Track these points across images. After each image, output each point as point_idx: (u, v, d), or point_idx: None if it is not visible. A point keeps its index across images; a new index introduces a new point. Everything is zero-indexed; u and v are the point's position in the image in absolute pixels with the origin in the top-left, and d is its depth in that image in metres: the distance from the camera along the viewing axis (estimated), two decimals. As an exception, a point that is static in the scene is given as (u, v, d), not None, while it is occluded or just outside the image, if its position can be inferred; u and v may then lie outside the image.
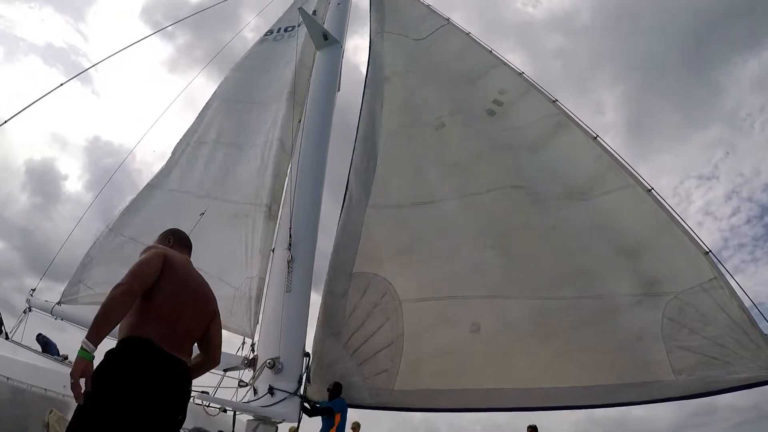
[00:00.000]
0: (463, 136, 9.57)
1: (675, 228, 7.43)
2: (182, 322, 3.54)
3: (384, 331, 8.37)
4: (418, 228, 9.07)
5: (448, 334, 8.15)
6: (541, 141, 8.89)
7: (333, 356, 8.55)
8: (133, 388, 3.13)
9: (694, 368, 6.66)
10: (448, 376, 7.92)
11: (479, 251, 8.51)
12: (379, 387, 8.17)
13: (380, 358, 8.27)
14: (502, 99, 9.50)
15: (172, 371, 3.40)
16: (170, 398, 3.34)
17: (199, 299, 3.71)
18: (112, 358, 3.21)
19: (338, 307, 8.84)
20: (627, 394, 6.98)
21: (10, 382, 4.94)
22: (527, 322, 7.80)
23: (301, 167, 8.88)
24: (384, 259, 8.95)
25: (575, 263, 7.90)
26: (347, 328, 8.62)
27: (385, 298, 8.56)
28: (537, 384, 7.42)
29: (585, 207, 8.12)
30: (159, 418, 3.24)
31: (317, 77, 10.09)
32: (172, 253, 3.74)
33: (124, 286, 3.27)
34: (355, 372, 8.33)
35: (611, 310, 7.39)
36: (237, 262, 9.67)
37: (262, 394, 7.30)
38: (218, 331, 3.95)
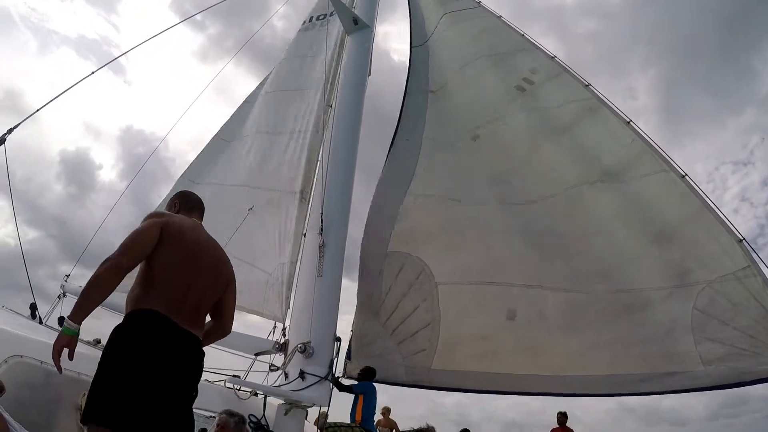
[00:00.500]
0: (496, 148, 9.46)
1: (709, 214, 7.25)
2: (193, 292, 3.41)
3: (420, 312, 8.40)
4: (455, 219, 9.04)
5: (483, 318, 8.14)
6: (573, 123, 8.75)
7: (373, 335, 8.64)
8: (142, 364, 3.04)
9: (723, 359, 6.50)
10: (483, 360, 7.91)
11: (515, 245, 8.46)
12: (416, 365, 8.24)
13: (418, 338, 8.32)
14: (532, 78, 9.40)
15: (183, 345, 3.29)
16: (180, 372, 3.23)
17: (210, 266, 3.58)
18: (119, 335, 3.14)
19: (374, 286, 8.90)
20: (655, 384, 6.85)
21: (44, 366, 5.00)
22: (561, 313, 7.74)
23: (332, 151, 8.84)
24: (420, 240, 8.97)
25: (609, 256, 7.78)
26: (385, 308, 8.68)
27: (420, 278, 8.57)
28: (566, 372, 7.36)
29: (619, 192, 7.98)
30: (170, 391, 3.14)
31: (348, 62, 10.02)
32: (174, 219, 3.59)
33: (111, 261, 3.15)
34: (394, 350, 8.39)
35: (643, 303, 7.27)
36: (270, 248, 9.72)
37: (292, 378, 7.30)
38: (232, 300, 3.84)
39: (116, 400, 2.94)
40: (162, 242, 3.37)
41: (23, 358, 4.89)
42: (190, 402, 3.37)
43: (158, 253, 3.34)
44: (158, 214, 3.57)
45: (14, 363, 4.81)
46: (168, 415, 3.12)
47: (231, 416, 5.44)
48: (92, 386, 3.02)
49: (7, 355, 4.78)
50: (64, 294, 10.89)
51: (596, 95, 8.71)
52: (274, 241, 9.80)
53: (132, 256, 3.25)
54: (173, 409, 3.16)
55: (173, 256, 3.37)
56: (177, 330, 3.25)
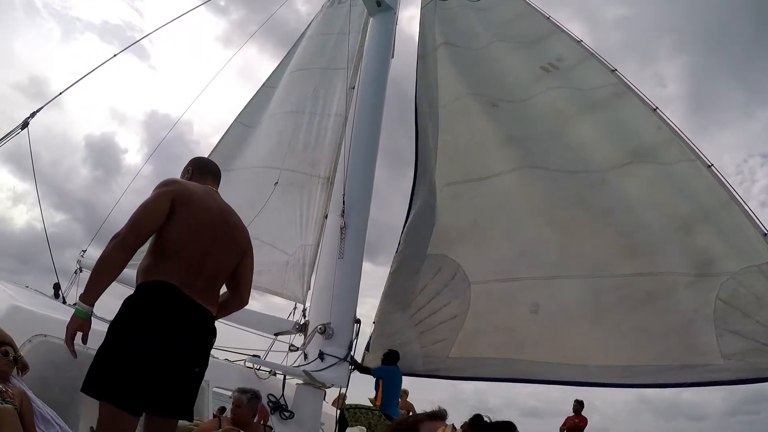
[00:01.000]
0: (516, 118, 9.38)
1: (734, 206, 7.14)
2: (207, 262, 3.29)
3: (450, 307, 8.40)
4: (479, 205, 9.00)
5: (508, 313, 8.11)
6: (599, 106, 8.65)
7: (397, 326, 8.66)
8: (150, 336, 2.96)
9: (743, 354, 6.41)
10: (504, 348, 7.90)
11: (537, 229, 8.40)
12: (433, 355, 8.24)
13: (441, 329, 8.32)
14: (558, 65, 9.29)
15: (194, 319, 3.18)
16: (189, 347, 3.15)
17: (224, 234, 3.44)
18: (129, 306, 3.07)
19: (409, 282, 8.89)
20: (674, 376, 6.78)
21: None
22: (583, 302, 7.69)
23: (355, 134, 8.81)
24: (452, 240, 8.93)
25: (632, 238, 7.71)
26: (416, 302, 8.68)
27: (455, 279, 8.55)
28: (587, 361, 7.32)
29: (646, 173, 7.90)
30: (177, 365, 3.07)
31: (371, 44, 9.94)
32: (185, 186, 3.44)
33: (118, 238, 3.07)
34: (414, 340, 8.41)
35: (665, 290, 7.18)
36: (291, 229, 9.75)
37: (312, 359, 7.35)
38: (249, 268, 3.69)
39: (120, 373, 2.90)
40: (173, 211, 3.21)
41: (47, 338, 4.93)
42: (195, 377, 3.25)
43: (169, 223, 3.21)
44: (168, 182, 3.42)
45: (38, 342, 4.85)
46: (172, 390, 3.09)
47: (243, 393, 5.45)
48: (96, 357, 2.96)
49: (31, 335, 4.83)
50: (81, 269, 10.97)
51: (623, 81, 8.60)
52: (296, 222, 9.82)
53: (138, 233, 3.13)
54: (178, 383, 3.11)
55: (185, 226, 3.23)
56: (189, 303, 3.13)
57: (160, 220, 3.18)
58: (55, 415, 4.33)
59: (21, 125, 7.41)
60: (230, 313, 3.75)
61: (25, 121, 7.47)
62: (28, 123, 7.50)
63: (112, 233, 3.16)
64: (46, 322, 5.19)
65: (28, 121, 7.50)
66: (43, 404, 4.32)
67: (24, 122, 7.45)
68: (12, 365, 4.27)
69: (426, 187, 9.49)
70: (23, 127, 7.45)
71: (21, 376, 4.41)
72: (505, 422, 3.91)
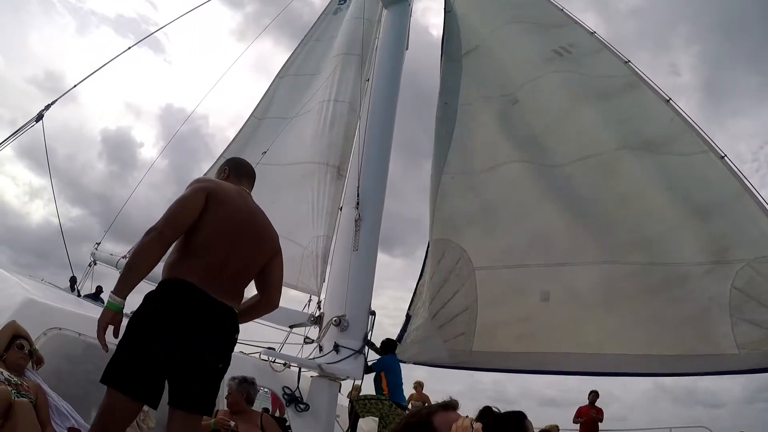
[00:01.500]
0: (534, 110, 9.28)
1: (748, 197, 7.06)
2: (232, 262, 3.29)
3: (459, 297, 8.35)
4: (489, 193, 8.97)
5: (519, 301, 8.09)
6: (612, 94, 8.58)
7: (419, 320, 8.66)
8: (170, 330, 2.98)
9: (758, 343, 6.35)
10: (524, 341, 7.88)
11: (548, 214, 8.35)
12: (458, 349, 8.19)
13: (457, 323, 8.28)
14: (571, 50, 9.20)
15: (214, 317, 3.17)
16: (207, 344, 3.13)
17: (253, 236, 3.44)
18: (150, 301, 3.08)
19: (422, 271, 8.95)
20: (689, 365, 6.73)
21: (82, 338, 5.05)
22: (595, 290, 7.64)
23: (369, 126, 8.79)
24: (458, 226, 8.90)
25: (649, 224, 7.64)
26: (429, 293, 8.66)
27: (459, 264, 8.52)
28: (603, 350, 7.29)
29: (660, 162, 7.83)
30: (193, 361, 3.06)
31: (385, 35, 9.89)
32: (219, 185, 3.44)
33: (155, 232, 3.07)
34: (435, 334, 8.38)
35: (680, 278, 7.12)
36: (305, 221, 9.71)
37: (327, 351, 7.35)
38: (278, 272, 3.67)
39: (129, 362, 2.93)
40: (205, 209, 3.23)
41: (62, 331, 4.96)
42: (218, 373, 3.26)
43: (200, 221, 3.22)
44: (204, 180, 3.46)
45: (53, 335, 4.88)
46: (197, 385, 3.10)
47: (232, 380, 5.47)
48: (116, 349, 2.99)
49: (46, 328, 4.85)
50: (95, 262, 11.01)
51: (636, 72, 8.51)
52: (309, 213, 9.78)
53: (175, 227, 3.15)
54: (194, 375, 3.09)
55: (214, 225, 3.24)
56: (209, 300, 3.12)
57: (195, 215, 3.20)
58: (70, 409, 4.35)
59: (36, 118, 7.44)
60: (260, 316, 3.77)
61: (40, 114, 7.50)
62: (42, 115, 7.53)
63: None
64: (61, 315, 5.22)
65: (42, 113, 7.53)
66: (59, 397, 4.34)
67: (39, 114, 7.48)
68: (27, 359, 4.29)
69: (435, 175, 9.49)
70: (38, 119, 7.48)
71: (36, 369, 4.44)
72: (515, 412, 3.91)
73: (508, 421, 3.72)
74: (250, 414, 5.54)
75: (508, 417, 3.77)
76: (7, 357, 4.17)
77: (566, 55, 9.14)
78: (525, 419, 3.80)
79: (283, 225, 9.32)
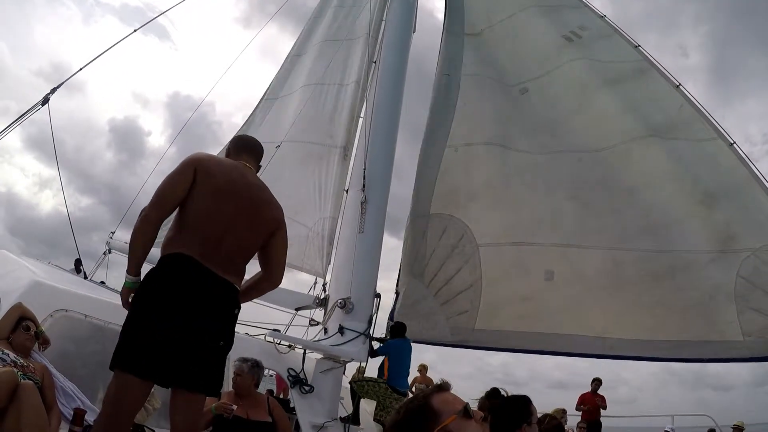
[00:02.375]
0: (544, 101, 9.24)
1: (755, 185, 7.07)
2: (228, 236, 3.26)
3: (463, 274, 8.43)
4: (495, 169, 8.96)
5: (523, 280, 8.15)
6: (622, 80, 8.53)
7: (417, 296, 8.73)
8: (169, 310, 2.99)
9: (763, 331, 6.40)
10: (526, 320, 7.96)
11: (556, 199, 8.36)
12: (460, 326, 8.32)
13: (461, 300, 8.38)
14: (581, 33, 9.13)
15: (212, 290, 3.14)
16: (207, 320, 3.12)
17: (251, 209, 3.38)
18: (148, 281, 3.11)
19: (419, 247, 8.95)
20: (694, 351, 6.83)
21: (88, 320, 5.09)
22: (601, 273, 7.69)
23: (376, 108, 8.74)
24: (461, 201, 8.92)
25: (656, 212, 7.66)
26: (429, 269, 8.74)
27: (462, 241, 8.57)
28: (608, 334, 7.35)
29: (668, 149, 7.82)
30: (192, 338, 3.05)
31: (393, 17, 9.81)
32: (211, 159, 3.43)
33: (142, 214, 3.17)
34: (438, 311, 8.47)
35: (686, 265, 7.17)
36: (310, 202, 9.70)
37: (332, 333, 7.36)
38: (281, 246, 3.60)
39: (134, 341, 2.96)
40: (194, 184, 3.23)
41: (68, 312, 4.99)
42: (219, 351, 3.24)
43: (191, 196, 3.23)
44: (194, 155, 3.41)
45: (59, 317, 4.91)
46: (197, 363, 3.09)
47: (244, 362, 5.42)
48: (120, 332, 3.04)
49: (53, 309, 4.88)
50: (110, 250, 11.05)
51: (646, 57, 8.47)
52: (315, 195, 9.76)
53: (160, 208, 3.20)
54: (201, 357, 3.10)
55: (204, 199, 3.23)
56: (207, 273, 3.12)
57: (182, 192, 3.22)
58: (76, 390, 4.38)
59: (41, 101, 7.44)
60: (263, 293, 3.75)
61: (46, 97, 7.49)
62: (48, 99, 7.52)
63: (137, 215, 3.25)
64: (68, 297, 5.25)
65: (48, 97, 7.52)
66: (65, 379, 4.38)
67: (44, 98, 7.47)
68: (34, 340, 4.33)
69: (432, 144, 9.45)
70: (44, 103, 7.47)
71: (42, 351, 4.47)
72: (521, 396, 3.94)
73: (514, 403, 3.77)
74: (257, 397, 5.53)
75: (515, 399, 3.82)
76: (13, 338, 4.20)
77: (576, 39, 9.09)
78: (530, 403, 3.85)
79: (288, 205, 9.32)
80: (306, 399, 6.83)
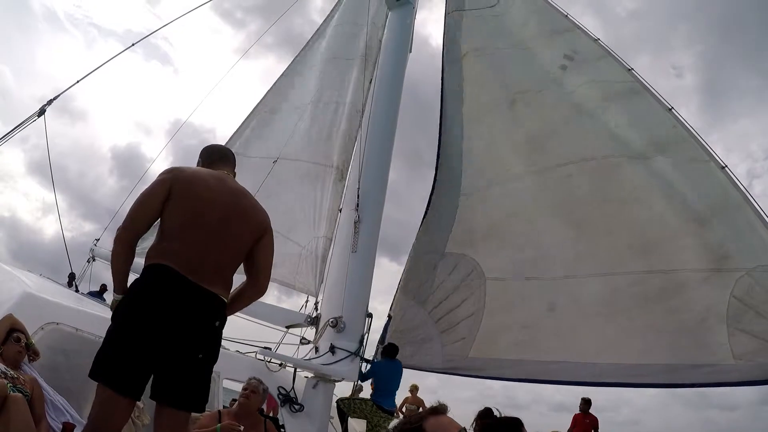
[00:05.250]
0: (533, 113, 9.32)
1: (748, 207, 7.11)
2: (212, 245, 3.19)
3: (467, 305, 8.41)
4: (500, 209, 9.00)
5: (525, 311, 8.13)
6: (614, 101, 8.61)
7: (417, 321, 8.66)
8: (148, 323, 2.93)
9: (754, 354, 6.37)
10: (520, 348, 7.91)
11: (555, 228, 8.40)
12: (454, 354, 8.23)
13: (460, 328, 8.32)
14: (574, 56, 9.23)
15: (193, 301, 3.06)
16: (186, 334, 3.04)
17: (234, 216, 3.29)
18: (129, 293, 3.08)
19: (427, 278, 8.90)
20: (686, 375, 6.74)
21: (79, 333, 5.05)
22: (597, 300, 7.69)
23: (371, 128, 8.80)
24: (474, 241, 8.94)
25: (649, 229, 7.69)
26: (434, 298, 8.70)
27: (471, 276, 8.57)
28: (598, 359, 7.30)
29: (659, 168, 7.87)
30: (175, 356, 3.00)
31: (389, 38, 9.92)
32: (186, 171, 3.33)
33: (116, 235, 3.20)
34: (435, 338, 8.42)
35: (679, 286, 7.15)
36: (305, 221, 9.73)
37: (323, 352, 7.35)
38: (266, 253, 3.48)
39: (110, 355, 2.91)
40: (171, 197, 3.16)
41: (59, 325, 4.96)
42: (200, 365, 3.14)
43: (168, 209, 3.17)
44: (166, 170, 3.33)
45: (50, 329, 4.87)
46: (169, 377, 3.01)
47: (260, 383, 5.33)
48: (102, 343, 3.00)
49: (44, 322, 4.85)
50: (94, 258, 11.08)
51: (638, 80, 8.55)
52: (309, 213, 9.79)
53: (132, 229, 3.18)
54: (175, 371, 3.02)
55: (184, 210, 3.17)
56: (187, 285, 3.03)
57: (153, 209, 3.19)
58: (66, 404, 4.34)
59: (38, 112, 7.47)
60: (251, 302, 3.59)
61: (42, 108, 7.52)
62: (44, 110, 7.54)
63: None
64: (59, 309, 5.22)
65: (44, 108, 7.55)
66: (55, 392, 4.34)
67: (41, 109, 7.50)
68: (24, 352, 4.29)
69: (448, 188, 9.48)
70: (40, 114, 7.49)
71: (32, 363, 4.44)
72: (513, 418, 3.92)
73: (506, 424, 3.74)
74: (256, 419, 5.43)
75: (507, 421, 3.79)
76: (3, 350, 4.16)
77: (570, 64, 9.17)
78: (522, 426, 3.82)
79: (281, 223, 9.39)
80: (296, 418, 6.81)
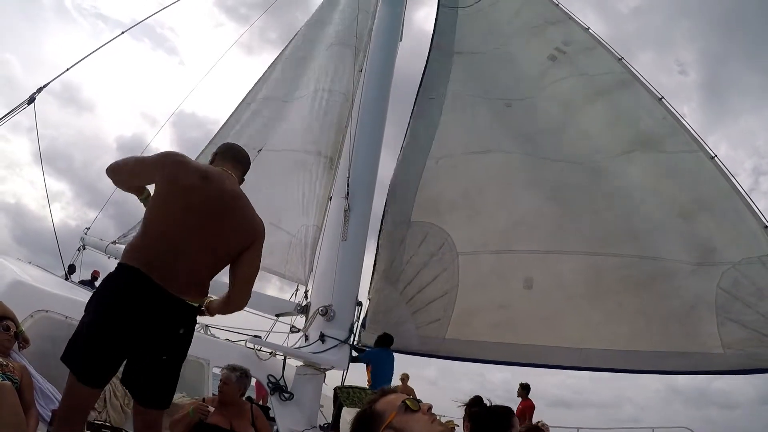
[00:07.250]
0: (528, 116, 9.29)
1: (736, 198, 7.13)
2: (190, 246, 3.08)
3: (439, 282, 8.37)
4: (475, 176, 8.96)
5: (501, 288, 8.11)
6: (605, 93, 8.61)
7: (389, 303, 8.66)
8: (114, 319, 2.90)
9: (743, 343, 6.42)
10: (499, 330, 7.89)
11: (536, 201, 8.37)
12: (430, 335, 8.24)
13: (433, 308, 8.31)
14: (565, 49, 9.23)
15: (157, 307, 2.98)
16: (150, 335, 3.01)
17: (219, 217, 3.16)
18: (102, 286, 3.09)
19: (395, 255, 8.87)
20: (674, 363, 6.79)
21: (68, 321, 5.05)
22: (580, 281, 7.67)
23: (361, 116, 8.76)
24: (442, 209, 8.90)
25: (638, 219, 7.70)
26: (404, 276, 8.66)
27: (442, 249, 8.53)
28: (586, 344, 7.31)
29: (649, 161, 7.89)
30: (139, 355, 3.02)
31: (379, 26, 9.87)
32: (182, 163, 3.23)
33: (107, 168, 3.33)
34: (408, 319, 8.42)
35: (667, 274, 7.17)
36: (294, 209, 9.68)
37: (313, 341, 7.35)
38: (248, 266, 3.32)
39: (75, 345, 2.95)
40: (158, 188, 3.13)
41: (48, 313, 4.97)
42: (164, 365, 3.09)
43: (152, 201, 3.16)
44: (166, 153, 3.32)
45: (40, 317, 4.89)
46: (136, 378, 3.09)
47: (233, 371, 5.30)
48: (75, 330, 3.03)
49: (33, 310, 4.86)
50: (84, 247, 11.04)
51: (629, 70, 8.55)
52: (299, 202, 9.75)
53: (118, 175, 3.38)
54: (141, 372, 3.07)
55: (164, 206, 3.10)
56: (154, 290, 2.93)
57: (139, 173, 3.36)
58: (55, 391, 4.35)
59: (27, 100, 7.41)
60: (226, 314, 3.50)
61: (32, 97, 7.46)
62: (34, 98, 7.49)
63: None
64: (49, 297, 5.22)
65: (34, 96, 7.49)
66: (44, 380, 4.35)
67: (30, 97, 7.44)
68: (13, 340, 4.29)
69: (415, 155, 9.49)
70: (29, 102, 7.44)
71: (21, 350, 4.44)
72: (503, 407, 3.95)
73: (496, 413, 3.79)
74: (242, 406, 5.40)
75: (497, 410, 3.83)
76: (-8, 338, 4.17)
77: (561, 56, 9.17)
78: (513, 415, 3.86)
79: (271, 211, 9.36)
80: (285, 406, 6.81)
